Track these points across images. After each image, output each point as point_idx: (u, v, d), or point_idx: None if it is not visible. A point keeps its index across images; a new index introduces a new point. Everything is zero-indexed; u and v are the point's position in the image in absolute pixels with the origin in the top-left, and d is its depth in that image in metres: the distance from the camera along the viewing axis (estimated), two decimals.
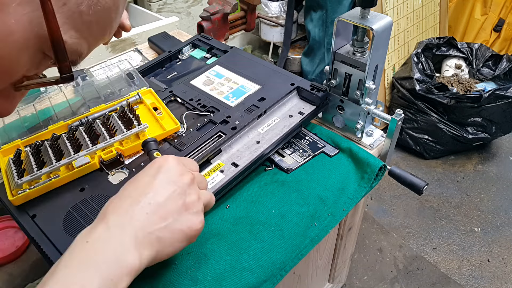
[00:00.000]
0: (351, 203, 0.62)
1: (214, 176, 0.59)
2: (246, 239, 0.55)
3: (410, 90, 1.69)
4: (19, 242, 0.66)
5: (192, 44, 0.87)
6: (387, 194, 1.66)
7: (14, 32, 0.27)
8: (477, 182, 1.71)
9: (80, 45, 0.32)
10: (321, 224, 0.58)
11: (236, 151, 0.63)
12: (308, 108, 0.69)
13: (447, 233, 1.51)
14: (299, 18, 2.06)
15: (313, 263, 0.88)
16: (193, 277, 0.51)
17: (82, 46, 0.32)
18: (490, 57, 1.83)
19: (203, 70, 0.77)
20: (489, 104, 1.59)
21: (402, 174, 0.65)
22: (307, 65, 1.95)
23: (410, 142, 1.79)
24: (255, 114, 0.66)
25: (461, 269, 1.39)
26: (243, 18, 1.25)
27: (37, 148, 0.58)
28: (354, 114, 0.69)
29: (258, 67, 0.77)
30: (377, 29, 0.58)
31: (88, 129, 0.61)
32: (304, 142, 0.69)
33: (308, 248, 0.57)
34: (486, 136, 1.67)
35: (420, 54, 1.78)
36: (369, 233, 1.51)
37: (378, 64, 0.64)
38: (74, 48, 0.31)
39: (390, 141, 0.67)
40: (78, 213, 0.53)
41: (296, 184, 0.62)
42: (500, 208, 1.59)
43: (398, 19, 1.78)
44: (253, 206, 0.59)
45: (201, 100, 0.70)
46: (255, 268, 0.52)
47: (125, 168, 0.59)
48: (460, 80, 1.78)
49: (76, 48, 0.32)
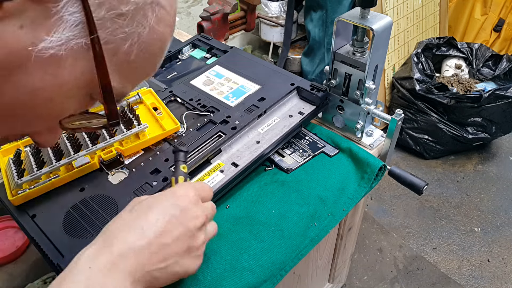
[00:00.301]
0: (351, 203, 0.62)
1: (214, 176, 0.59)
2: (246, 239, 0.55)
3: (410, 90, 1.69)
4: (19, 242, 0.66)
5: (192, 44, 0.87)
6: (387, 194, 1.66)
7: (67, 82, 0.29)
8: (477, 182, 1.71)
9: (126, 88, 0.34)
10: (321, 224, 0.58)
11: (236, 151, 0.63)
12: (308, 108, 0.69)
13: (447, 233, 1.51)
14: (299, 18, 2.06)
15: (313, 263, 0.88)
16: (193, 277, 0.51)
17: (128, 88, 0.34)
18: (490, 57, 1.82)
19: (203, 70, 0.77)
20: (489, 104, 1.59)
21: (402, 174, 0.65)
22: (307, 65, 1.95)
23: (410, 142, 1.79)
24: (255, 114, 0.66)
25: (461, 269, 1.39)
26: (243, 18, 1.25)
27: (37, 148, 0.58)
28: (354, 114, 0.69)
29: (258, 67, 0.77)
30: (377, 29, 0.58)
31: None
32: (304, 142, 0.69)
33: (308, 248, 0.57)
34: (486, 136, 1.67)
35: (420, 54, 1.78)
36: (369, 233, 1.51)
37: (378, 64, 0.64)
38: (121, 91, 0.33)
39: (390, 141, 0.67)
40: (78, 213, 0.53)
41: (296, 184, 0.62)
42: (500, 208, 1.59)
43: (398, 19, 1.78)
44: (253, 206, 0.59)
45: (201, 100, 0.70)
46: (255, 268, 0.52)
47: (125, 168, 0.59)
48: (460, 80, 1.78)
49: (122, 91, 0.33)
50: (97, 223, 0.51)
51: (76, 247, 0.48)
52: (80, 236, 0.50)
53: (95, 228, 0.50)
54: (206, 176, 0.59)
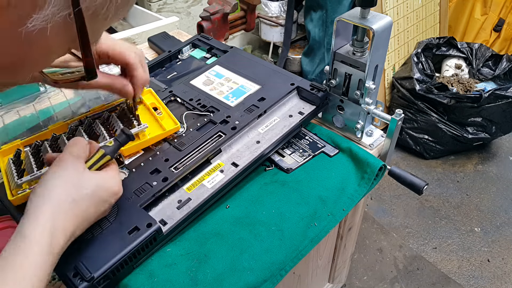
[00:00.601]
0: (351, 203, 0.62)
1: (214, 176, 0.59)
2: (246, 239, 0.55)
3: (410, 90, 1.69)
4: None
5: (192, 44, 0.87)
6: (387, 194, 1.66)
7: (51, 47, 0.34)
8: (477, 182, 1.71)
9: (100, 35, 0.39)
10: (321, 224, 0.58)
11: (236, 151, 0.63)
12: (308, 108, 0.69)
13: (447, 233, 1.51)
14: (299, 18, 2.06)
15: (313, 263, 0.88)
16: (193, 277, 0.51)
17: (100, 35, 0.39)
18: (490, 57, 1.82)
19: (203, 70, 0.77)
20: (489, 104, 1.59)
21: (402, 174, 0.65)
22: (307, 65, 1.95)
23: (410, 142, 1.79)
24: (255, 114, 0.66)
25: (461, 269, 1.39)
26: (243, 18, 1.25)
27: (37, 148, 0.58)
28: (354, 114, 0.69)
29: (258, 67, 0.76)
30: (377, 29, 0.58)
31: (88, 129, 0.61)
32: (304, 142, 0.69)
33: (308, 248, 0.57)
34: (486, 136, 1.67)
35: (420, 54, 1.78)
36: (369, 233, 1.51)
37: (378, 64, 0.64)
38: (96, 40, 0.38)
39: (390, 141, 0.67)
40: None
41: (296, 184, 0.62)
42: (500, 208, 1.59)
43: (398, 19, 1.78)
44: (253, 206, 0.59)
45: (201, 100, 0.70)
46: (255, 268, 0.52)
47: (125, 168, 0.59)
48: (460, 80, 1.78)
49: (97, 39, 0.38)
50: (97, 223, 0.51)
51: (76, 247, 0.48)
52: (80, 236, 0.50)
53: (95, 228, 0.50)
54: (206, 176, 0.59)
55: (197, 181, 0.59)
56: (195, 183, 0.58)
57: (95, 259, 0.47)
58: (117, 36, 1.05)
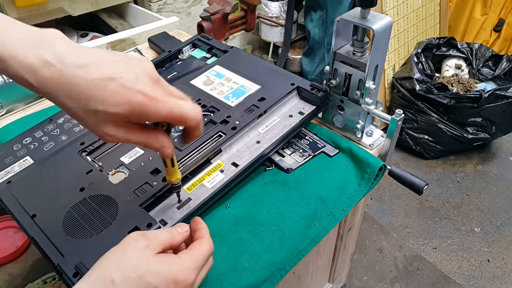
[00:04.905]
0: (351, 203, 0.62)
1: (214, 176, 0.59)
2: (246, 239, 0.55)
3: (410, 90, 1.69)
4: (19, 242, 0.66)
5: (192, 44, 0.87)
6: (387, 194, 1.66)
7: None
8: (477, 182, 1.71)
9: None
10: (321, 224, 0.58)
11: (236, 151, 0.63)
12: (308, 108, 0.69)
13: (447, 233, 1.51)
14: (299, 18, 2.06)
15: (313, 263, 0.88)
16: None
17: None
18: (490, 57, 1.82)
19: (203, 70, 0.77)
20: (489, 104, 1.59)
21: (402, 174, 0.65)
22: (307, 65, 1.96)
23: (410, 142, 1.79)
24: (255, 114, 0.66)
25: (461, 269, 1.39)
26: (243, 18, 1.25)
27: None
28: (354, 114, 0.69)
29: (258, 67, 0.77)
30: (377, 29, 0.58)
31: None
32: (304, 142, 0.69)
33: (308, 248, 0.57)
34: (486, 136, 1.67)
35: (420, 54, 1.78)
36: (369, 233, 1.51)
37: (378, 64, 0.64)
38: None
39: (390, 141, 0.67)
40: (78, 213, 0.53)
41: (296, 184, 0.62)
42: (500, 208, 1.59)
43: (398, 19, 1.79)
44: (253, 206, 0.59)
45: (201, 100, 0.70)
46: (255, 268, 0.52)
47: (125, 168, 0.59)
48: (460, 80, 1.78)
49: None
50: (97, 223, 0.51)
51: (76, 247, 0.48)
52: (80, 236, 0.50)
53: (95, 228, 0.50)
54: (206, 176, 0.59)
55: (197, 181, 0.59)
56: (195, 183, 0.58)
57: (96, 259, 0.47)
58: (117, 36, 1.04)
